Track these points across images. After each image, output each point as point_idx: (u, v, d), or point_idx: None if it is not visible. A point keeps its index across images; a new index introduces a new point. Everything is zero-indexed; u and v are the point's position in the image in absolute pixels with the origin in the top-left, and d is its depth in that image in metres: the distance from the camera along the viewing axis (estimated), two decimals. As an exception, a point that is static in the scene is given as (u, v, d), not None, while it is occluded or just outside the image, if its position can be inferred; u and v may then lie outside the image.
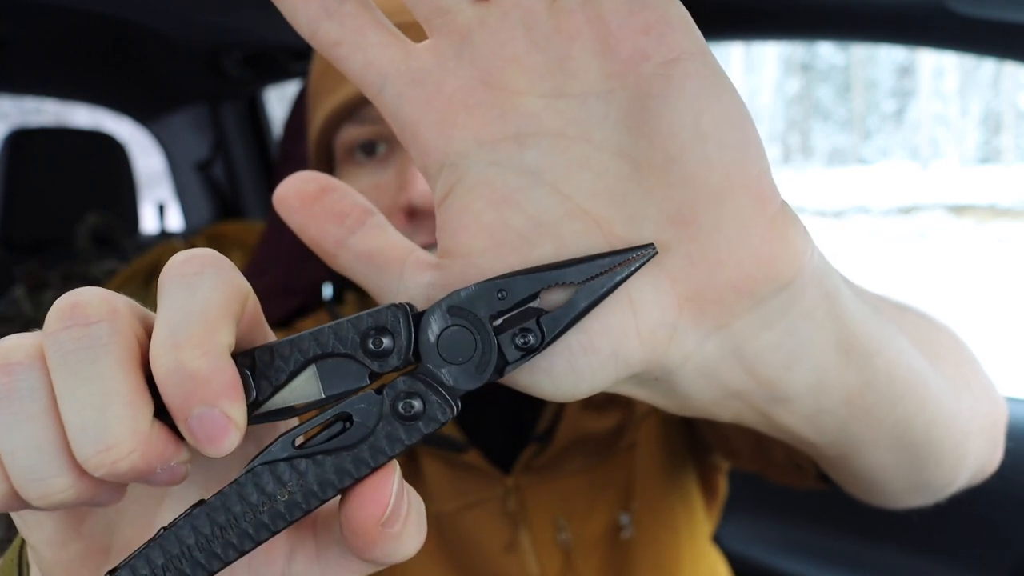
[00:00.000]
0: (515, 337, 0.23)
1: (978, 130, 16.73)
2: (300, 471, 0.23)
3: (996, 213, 10.59)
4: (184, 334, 0.21)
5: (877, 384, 0.29)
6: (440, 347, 0.23)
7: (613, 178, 0.23)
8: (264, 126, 1.80)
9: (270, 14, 1.25)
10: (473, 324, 0.23)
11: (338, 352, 0.23)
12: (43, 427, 0.21)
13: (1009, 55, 0.84)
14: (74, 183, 1.43)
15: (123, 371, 0.21)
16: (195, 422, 0.21)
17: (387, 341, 0.23)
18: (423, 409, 0.23)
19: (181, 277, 0.22)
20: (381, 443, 0.23)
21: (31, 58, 1.40)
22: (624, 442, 0.66)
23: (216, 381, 0.21)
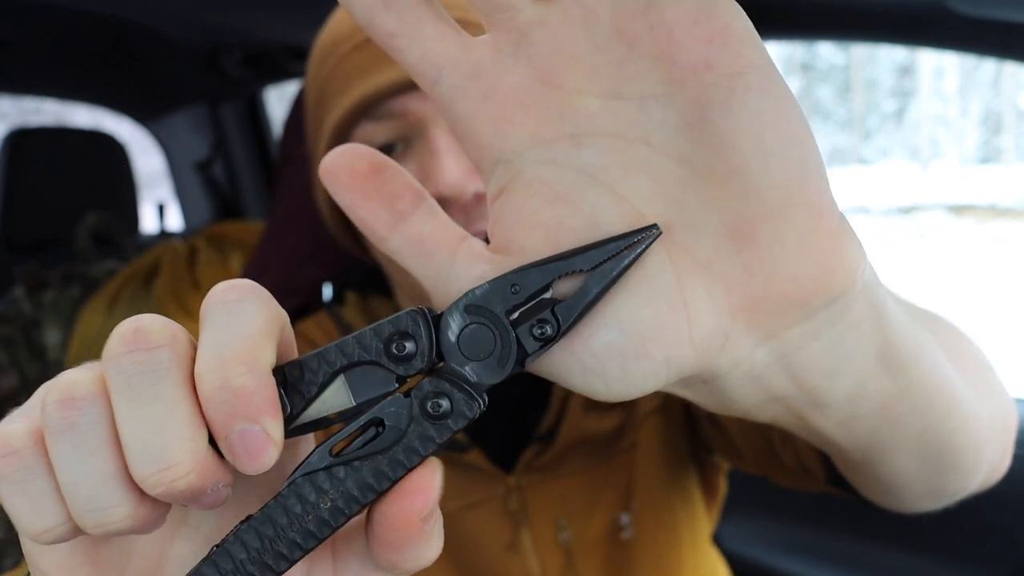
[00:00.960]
0: (532, 329, 0.24)
1: (978, 130, 16.73)
2: (339, 478, 0.23)
3: (996, 213, 10.59)
4: (230, 352, 0.22)
5: (911, 392, 0.29)
6: (461, 346, 0.24)
7: (672, 183, 0.23)
8: (264, 126, 1.80)
9: (270, 14, 1.25)
10: (491, 320, 0.24)
11: (364, 360, 0.24)
12: (104, 459, 0.22)
13: (1009, 55, 0.84)
14: (74, 183, 1.43)
15: (183, 394, 0.22)
16: (236, 438, 0.21)
17: (410, 345, 0.24)
18: (451, 407, 0.24)
19: (224, 304, 0.23)
20: (414, 443, 0.24)
21: (31, 58, 1.40)
22: (625, 442, 0.66)
23: (259, 397, 0.22)
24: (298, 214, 1.00)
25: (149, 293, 1.15)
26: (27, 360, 1.17)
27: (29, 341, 1.17)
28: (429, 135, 0.57)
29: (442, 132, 0.56)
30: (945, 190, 12.10)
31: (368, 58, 0.58)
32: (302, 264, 0.97)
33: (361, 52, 0.58)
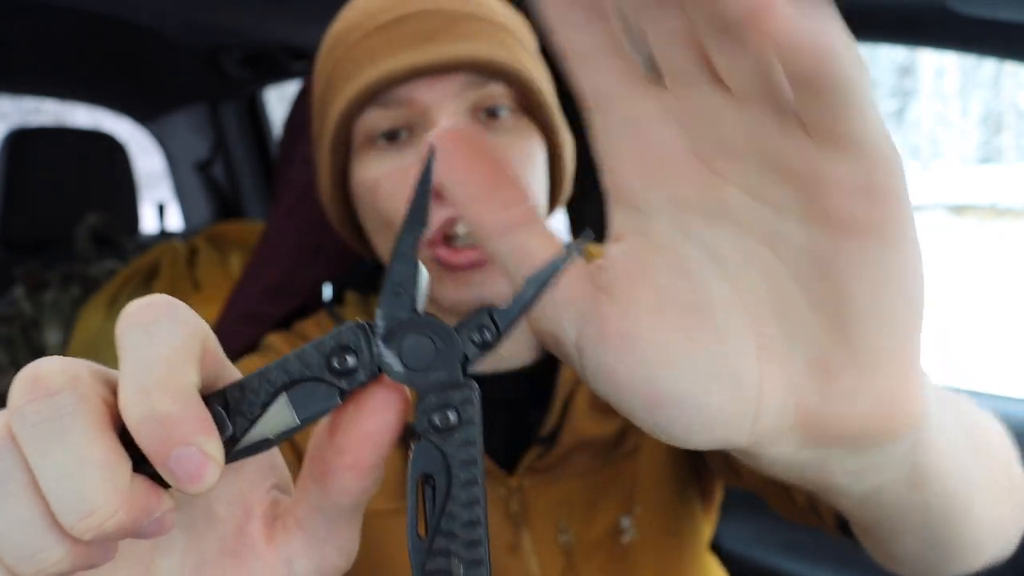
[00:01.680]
0: (472, 335, 0.24)
1: (979, 130, 16.72)
2: (447, 551, 0.24)
3: (997, 213, 10.59)
4: (151, 380, 0.22)
5: (931, 501, 0.31)
6: (403, 357, 0.24)
7: (783, 293, 0.24)
8: (264, 126, 1.80)
9: (270, 14, 1.25)
10: (432, 329, 0.24)
11: (306, 377, 0.24)
12: (27, 504, 0.21)
13: (1010, 55, 0.84)
14: (74, 183, 1.43)
15: (92, 435, 0.22)
16: (174, 463, 0.21)
17: (351, 359, 0.24)
18: (458, 416, 0.25)
19: (138, 326, 0.23)
20: (463, 474, 0.24)
21: (31, 58, 1.40)
22: (627, 446, 0.66)
23: (189, 420, 0.22)
24: (298, 214, 0.99)
25: (149, 293, 1.14)
26: (27, 360, 1.16)
27: (29, 341, 1.17)
28: (434, 123, 0.58)
29: (445, 120, 0.57)
30: (945, 190, 12.10)
31: (378, 44, 0.59)
32: (302, 264, 0.96)
33: (371, 39, 0.59)
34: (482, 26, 0.60)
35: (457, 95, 0.58)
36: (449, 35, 0.58)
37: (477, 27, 0.60)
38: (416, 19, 0.59)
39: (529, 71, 0.61)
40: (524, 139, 0.61)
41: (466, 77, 0.58)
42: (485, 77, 0.59)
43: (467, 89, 0.58)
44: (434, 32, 0.58)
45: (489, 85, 0.59)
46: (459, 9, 0.60)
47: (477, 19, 0.60)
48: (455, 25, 0.59)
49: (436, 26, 0.58)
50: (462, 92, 0.58)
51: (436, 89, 0.58)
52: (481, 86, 0.59)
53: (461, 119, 0.59)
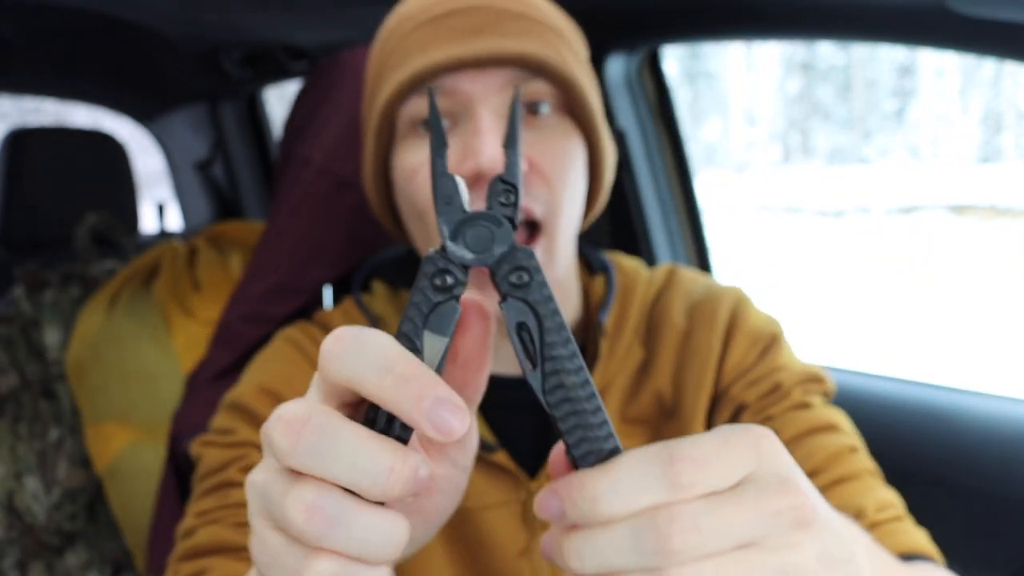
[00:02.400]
0: (500, 201, 0.33)
1: (979, 130, 16.71)
2: (566, 369, 0.32)
3: (997, 213, 10.58)
4: (384, 361, 0.30)
5: None
6: (469, 246, 0.32)
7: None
8: (264, 126, 1.80)
9: (270, 13, 1.24)
10: (483, 219, 0.33)
11: (429, 309, 0.32)
12: (338, 497, 0.30)
13: (1010, 55, 0.84)
14: (74, 183, 1.43)
15: (353, 429, 0.30)
16: (434, 417, 0.29)
17: (447, 277, 0.32)
18: (528, 273, 0.32)
19: (343, 343, 0.31)
20: (551, 314, 0.32)
21: (30, 58, 1.40)
22: None
23: (428, 378, 0.30)
24: (299, 215, 0.99)
25: (149, 293, 1.14)
26: (26, 360, 1.16)
27: (29, 341, 1.17)
28: (475, 113, 0.59)
29: (487, 112, 0.59)
30: (945, 190, 12.09)
31: (427, 36, 0.61)
32: (304, 264, 0.97)
33: (422, 30, 0.61)
34: (531, 25, 0.61)
35: (500, 89, 0.60)
36: (497, 31, 0.60)
37: (526, 25, 0.61)
38: (466, 13, 0.61)
39: (573, 71, 0.62)
40: (564, 137, 0.62)
41: (511, 72, 0.60)
42: (529, 73, 0.60)
43: (511, 83, 0.60)
44: (482, 27, 0.60)
45: (533, 81, 0.60)
46: (509, 7, 0.62)
47: (526, 18, 0.62)
48: (504, 22, 0.60)
49: (485, 21, 0.60)
50: (506, 86, 0.60)
51: (479, 82, 0.59)
52: (525, 81, 0.60)
53: (502, 110, 0.60)
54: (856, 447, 0.64)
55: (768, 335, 0.69)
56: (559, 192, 0.61)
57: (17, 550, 1.12)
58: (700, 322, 0.70)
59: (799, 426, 0.63)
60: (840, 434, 0.64)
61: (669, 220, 1.29)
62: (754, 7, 0.95)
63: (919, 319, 6.59)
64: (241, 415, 0.66)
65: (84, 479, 1.14)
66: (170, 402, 1.06)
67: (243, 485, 0.62)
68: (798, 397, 0.65)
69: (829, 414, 0.65)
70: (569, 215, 0.62)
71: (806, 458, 0.61)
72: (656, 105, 1.27)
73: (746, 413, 0.66)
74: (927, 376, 1.16)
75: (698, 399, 0.67)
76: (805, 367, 0.68)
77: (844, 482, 0.60)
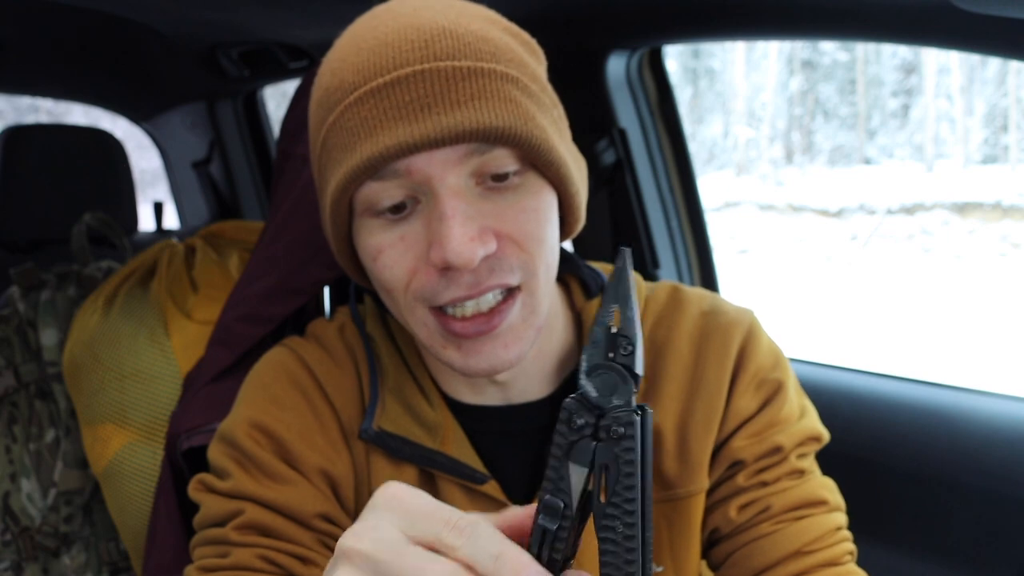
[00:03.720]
0: (621, 350, 0.40)
1: (983, 128, 16.67)
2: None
3: (1001, 211, 10.55)
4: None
5: None
6: (596, 388, 0.40)
7: None
8: (262, 125, 1.79)
9: (268, 11, 1.24)
10: (616, 371, 0.40)
11: (568, 447, 0.39)
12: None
13: (1015, 53, 0.83)
14: (71, 181, 1.42)
15: (500, 535, 0.37)
16: None
17: (579, 419, 0.40)
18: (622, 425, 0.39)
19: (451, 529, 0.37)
20: (626, 467, 0.39)
21: (27, 57, 1.39)
22: (656, 496, 0.68)
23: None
24: (298, 215, 0.99)
25: (146, 293, 1.13)
26: (22, 360, 1.16)
27: (25, 341, 1.16)
28: (437, 195, 0.56)
29: (449, 194, 0.56)
30: (949, 188, 12.06)
31: (372, 113, 0.56)
32: (303, 264, 0.96)
33: (364, 105, 0.56)
34: (484, 83, 0.56)
35: (459, 163, 0.56)
36: (447, 101, 0.55)
37: (479, 86, 0.56)
38: (411, 83, 0.55)
39: (536, 130, 0.57)
40: (534, 197, 0.59)
41: (468, 145, 0.56)
42: (488, 144, 0.56)
43: (469, 156, 0.56)
44: (431, 99, 0.55)
45: (493, 149, 0.56)
46: (459, 65, 0.56)
47: (477, 75, 0.56)
48: (454, 88, 0.55)
49: (432, 91, 0.55)
50: (464, 160, 0.56)
51: (436, 159, 0.56)
52: (484, 151, 0.56)
53: (463, 185, 0.57)
54: (841, 524, 0.66)
55: (773, 381, 0.68)
56: (535, 254, 0.59)
57: (13, 552, 1.11)
58: (709, 356, 0.68)
59: (793, 499, 0.65)
60: (830, 512, 0.66)
61: (670, 220, 1.28)
62: (757, 6, 0.94)
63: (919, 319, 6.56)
64: (234, 455, 0.67)
65: (80, 481, 1.14)
66: (168, 403, 1.05)
67: (240, 544, 0.63)
68: (794, 463, 0.67)
69: (821, 487, 0.67)
70: (547, 267, 0.61)
71: (796, 536, 0.64)
72: (657, 104, 1.27)
73: (742, 473, 0.66)
74: (932, 375, 1.15)
75: (705, 446, 0.67)
76: (803, 425, 0.68)
77: (826, 567, 0.64)
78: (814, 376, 1.18)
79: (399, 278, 0.59)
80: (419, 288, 0.58)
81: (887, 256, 9.79)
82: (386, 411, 0.67)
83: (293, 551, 0.63)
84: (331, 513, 0.65)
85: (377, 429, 0.66)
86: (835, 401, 1.12)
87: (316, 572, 0.63)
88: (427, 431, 0.66)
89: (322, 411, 0.68)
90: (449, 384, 0.69)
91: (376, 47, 0.57)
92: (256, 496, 0.64)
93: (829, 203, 12.33)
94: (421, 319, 0.60)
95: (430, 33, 0.56)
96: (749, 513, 0.65)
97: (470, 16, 0.60)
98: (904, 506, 1.06)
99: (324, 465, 0.66)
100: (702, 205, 1.31)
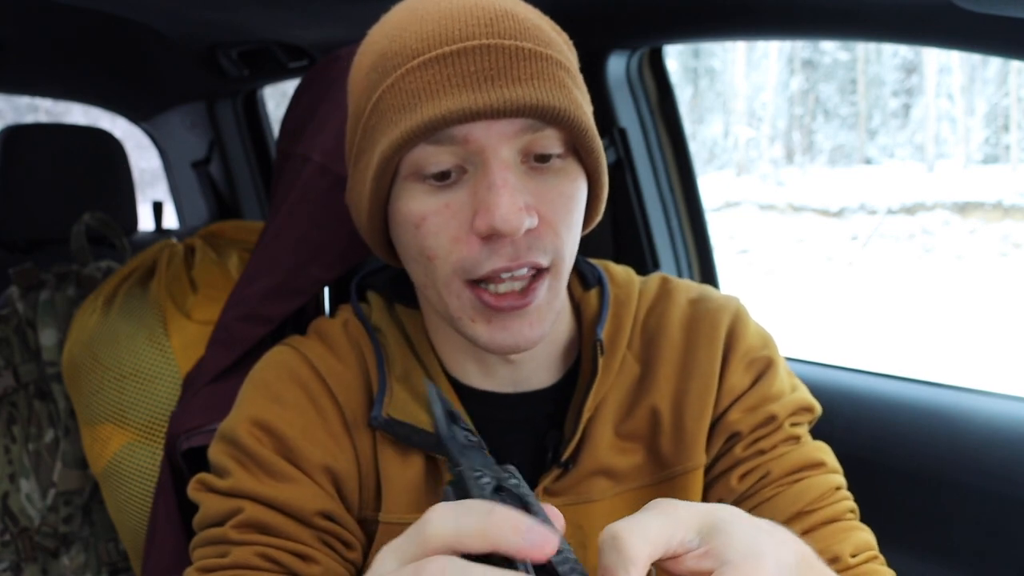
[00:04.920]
0: None
1: (984, 128, 16.66)
2: None
3: (1002, 211, 10.55)
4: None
5: None
6: None
7: None
8: (262, 125, 1.79)
9: (268, 11, 1.24)
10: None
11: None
12: None
13: (1016, 53, 0.83)
14: (70, 181, 1.42)
15: None
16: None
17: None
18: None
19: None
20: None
21: (27, 57, 1.39)
22: (645, 480, 0.69)
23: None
24: (298, 215, 0.98)
25: (146, 293, 1.13)
26: (22, 361, 1.16)
27: (24, 341, 1.16)
28: (488, 166, 0.58)
29: (500, 165, 0.58)
30: (950, 188, 12.06)
31: (436, 79, 0.58)
32: (303, 264, 0.96)
33: (429, 70, 0.58)
34: (542, 66, 0.59)
35: (513, 137, 0.59)
36: (510, 76, 0.58)
37: (538, 67, 0.59)
38: (476, 55, 0.58)
39: (584, 116, 0.61)
40: (571, 182, 0.62)
41: (523, 120, 0.58)
42: (543, 122, 0.59)
43: (524, 132, 0.59)
44: (496, 72, 0.58)
45: (544, 128, 0.59)
46: (519, 45, 0.59)
47: (536, 57, 0.59)
48: (515, 65, 0.58)
49: (497, 65, 0.58)
50: (518, 135, 0.59)
51: (493, 130, 0.58)
52: (537, 130, 0.59)
53: (513, 160, 0.59)
54: (840, 484, 0.68)
55: (763, 359, 0.71)
56: (565, 237, 0.61)
57: (12, 552, 1.11)
58: (699, 339, 0.71)
59: (791, 463, 0.67)
60: (827, 472, 0.68)
61: (671, 220, 1.28)
62: (757, 6, 0.94)
63: (919, 319, 6.56)
64: (235, 454, 0.67)
65: (80, 481, 1.13)
66: (167, 403, 1.05)
67: (239, 543, 0.63)
68: (789, 431, 0.69)
69: (817, 450, 0.69)
70: (572, 254, 0.63)
71: (797, 497, 0.65)
72: (657, 103, 1.27)
73: (739, 444, 0.69)
74: (932, 375, 1.15)
75: (700, 423, 0.69)
76: (796, 399, 0.70)
77: (828, 524, 0.65)
78: (814, 376, 1.18)
79: (442, 245, 0.60)
80: (460, 259, 0.59)
81: (888, 256, 9.79)
82: (394, 399, 0.68)
83: (293, 548, 0.63)
84: (332, 511, 0.65)
85: (386, 417, 0.67)
86: (835, 401, 1.12)
87: (316, 570, 0.63)
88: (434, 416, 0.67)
89: (324, 406, 0.69)
90: (459, 367, 0.70)
91: (441, 19, 0.59)
92: (255, 494, 0.64)
93: (829, 203, 12.34)
94: (456, 291, 0.61)
95: (495, 13, 0.60)
96: (750, 481, 0.67)
97: (528, 8, 0.64)
98: (904, 506, 1.06)
99: (327, 461, 0.66)
100: (702, 205, 1.31)
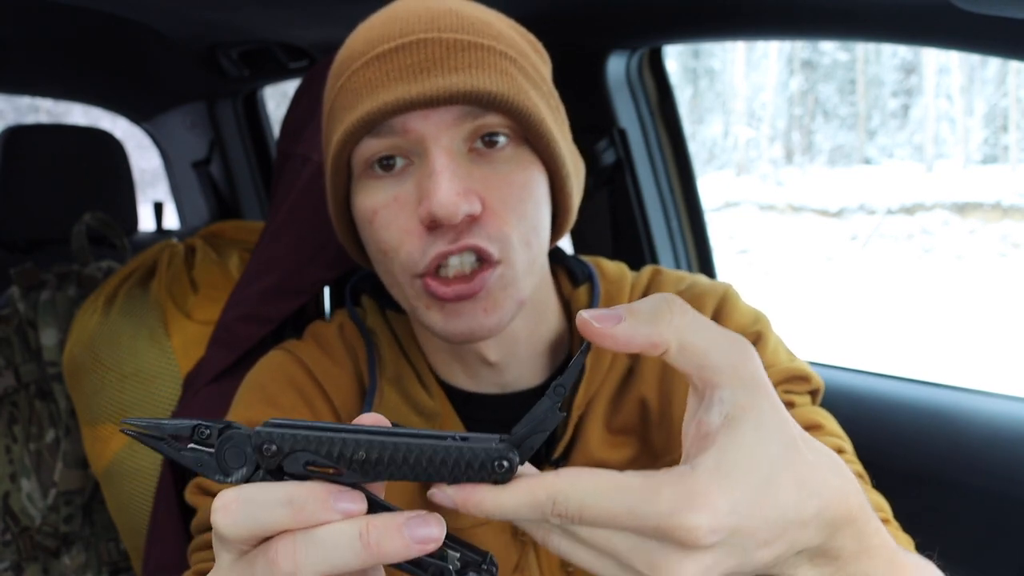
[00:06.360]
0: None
1: (983, 128, 16.67)
2: None
3: (1002, 212, 10.55)
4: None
5: None
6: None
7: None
8: (262, 125, 1.79)
9: (268, 11, 1.24)
10: None
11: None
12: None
13: (1015, 53, 0.83)
14: (70, 181, 1.42)
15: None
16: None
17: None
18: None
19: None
20: None
21: (27, 57, 1.39)
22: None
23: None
24: (298, 215, 0.99)
25: (146, 293, 1.13)
26: (23, 360, 1.16)
27: (25, 341, 1.17)
28: (429, 154, 0.59)
29: (441, 152, 0.59)
30: (950, 188, 12.06)
31: (376, 75, 0.60)
32: (303, 264, 0.96)
33: (370, 69, 0.61)
34: (482, 55, 0.60)
35: (452, 125, 0.60)
36: (446, 66, 0.59)
37: (477, 56, 0.60)
38: (414, 48, 0.60)
39: (528, 101, 0.61)
40: (521, 170, 0.62)
41: (461, 108, 0.59)
42: (481, 108, 0.60)
43: (463, 119, 0.60)
44: (431, 63, 0.59)
45: (486, 115, 0.60)
46: (460, 38, 0.60)
47: (477, 47, 0.60)
48: (453, 55, 0.60)
49: (433, 56, 0.59)
50: (457, 122, 0.60)
51: (431, 120, 0.59)
52: (477, 116, 0.60)
53: (455, 148, 0.60)
54: (843, 448, 0.65)
55: (752, 334, 0.69)
56: (513, 226, 0.61)
57: (13, 552, 1.11)
58: None
59: None
60: (825, 434, 0.64)
61: (670, 220, 1.28)
62: (757, 6, 0.94)
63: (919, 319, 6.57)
64: None
65: (80, 481, 1.14)
66: (168, 403, 1.05)
67: None
68: (782, 396, 0.66)
69: (813, 413, 0.66)
70: (526, 243, 0.62)
71: None
72: (657, 104, 1.27)
73: None
74: (932, 375, 1.15)
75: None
76: (790, 366, 0.68)
77: None
78: (814, 376, 1.18)
79: (394, 237, 0.61)
80: (407, 253, 0.61)
81: (887, 256, 9.80)
82: (384, 400, 0.68)
83: None
84: None
85: None
86: (835, 401, 1.12)
87: None
88: (425, 419, 0.68)
89: (319, 407, 0.69)
90: (447, 370, 0.71)
91: (386, 21, 0.62)
92: None
93: (829, 203, 12.34)
94: (408, 282, 0.62)
95: (438, 11, 0.62)
96: None
97: (480, 8, 0.65)
98: (904, 506, 1.06)
99: None
100: (702, 205, 1.31)
